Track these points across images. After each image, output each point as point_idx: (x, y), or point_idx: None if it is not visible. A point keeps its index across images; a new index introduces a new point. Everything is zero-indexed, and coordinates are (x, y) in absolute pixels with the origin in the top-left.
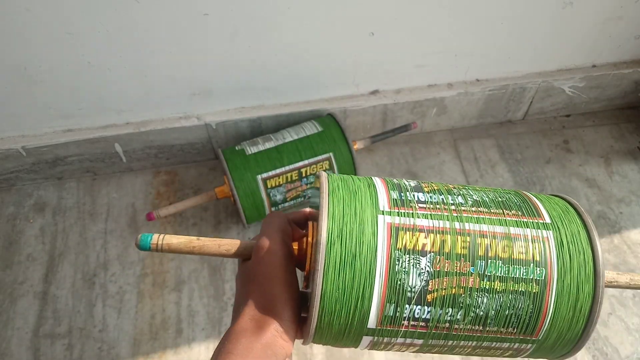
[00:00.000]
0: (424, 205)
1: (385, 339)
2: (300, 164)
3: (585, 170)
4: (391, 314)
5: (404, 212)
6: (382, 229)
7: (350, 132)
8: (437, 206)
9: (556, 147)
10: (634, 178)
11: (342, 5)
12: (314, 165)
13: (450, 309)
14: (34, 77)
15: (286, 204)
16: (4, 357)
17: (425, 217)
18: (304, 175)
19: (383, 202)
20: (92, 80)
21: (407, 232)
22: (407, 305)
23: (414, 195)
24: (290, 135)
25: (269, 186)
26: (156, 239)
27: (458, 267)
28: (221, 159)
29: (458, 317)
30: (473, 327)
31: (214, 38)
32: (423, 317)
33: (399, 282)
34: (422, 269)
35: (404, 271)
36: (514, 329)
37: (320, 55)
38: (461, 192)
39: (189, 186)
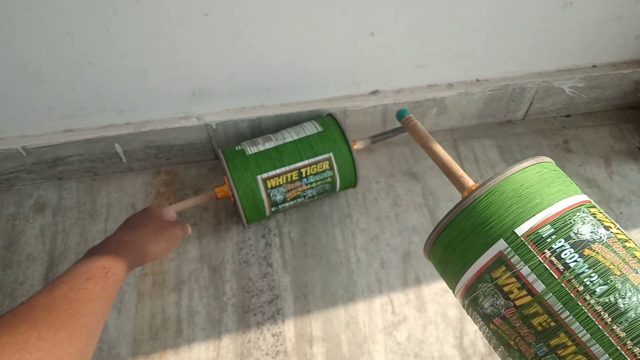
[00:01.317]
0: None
1: (513, 259)
2: (300, 164)
3: (585, 171)
4: (544, 235)
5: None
6: (588, 200)
7: (351, 132)
8: None
9: (556, 147)
10: (634, 178)
11: (343, 5)
12: (314, 166)
13: (596, 276)
14: (34, 77)
15: (286, 204)
16: None
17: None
18: (304, 175)
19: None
20: (92, 80)
21: (607, 219)
22: (562, 240)
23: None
24: (290, 136)
25: (269, 186)
26: (409, 116)
27: (627, 258)
28: (221, 159)
29: (597, 289)
30: (601, 313)
31: (214, 38)
32: (567, 261)
33: (571, 220)
34: (597, 232)
35: (582, 220)
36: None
37: (321, 55)
38: None
39: (189, 186)
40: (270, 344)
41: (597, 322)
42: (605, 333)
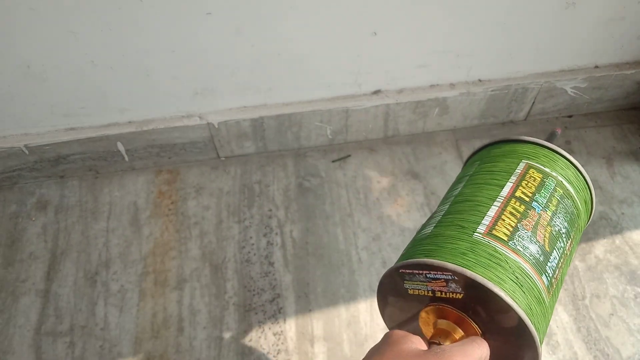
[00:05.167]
0: None
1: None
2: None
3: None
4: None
5: None
6: None
7: (352, 132)
8: None
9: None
10: (636, 179)
11: (345, 5)
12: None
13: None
14: (37, 76)
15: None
16: (6, 355)
17: None
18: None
19: None
20: (95, 79)
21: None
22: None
23: None
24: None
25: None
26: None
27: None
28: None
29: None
30: None
31: (217, 37)
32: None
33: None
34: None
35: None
36: None
37: (323, 55)
38: None
39: (191, 185)
40: (272, 342)
41: None
42: None
